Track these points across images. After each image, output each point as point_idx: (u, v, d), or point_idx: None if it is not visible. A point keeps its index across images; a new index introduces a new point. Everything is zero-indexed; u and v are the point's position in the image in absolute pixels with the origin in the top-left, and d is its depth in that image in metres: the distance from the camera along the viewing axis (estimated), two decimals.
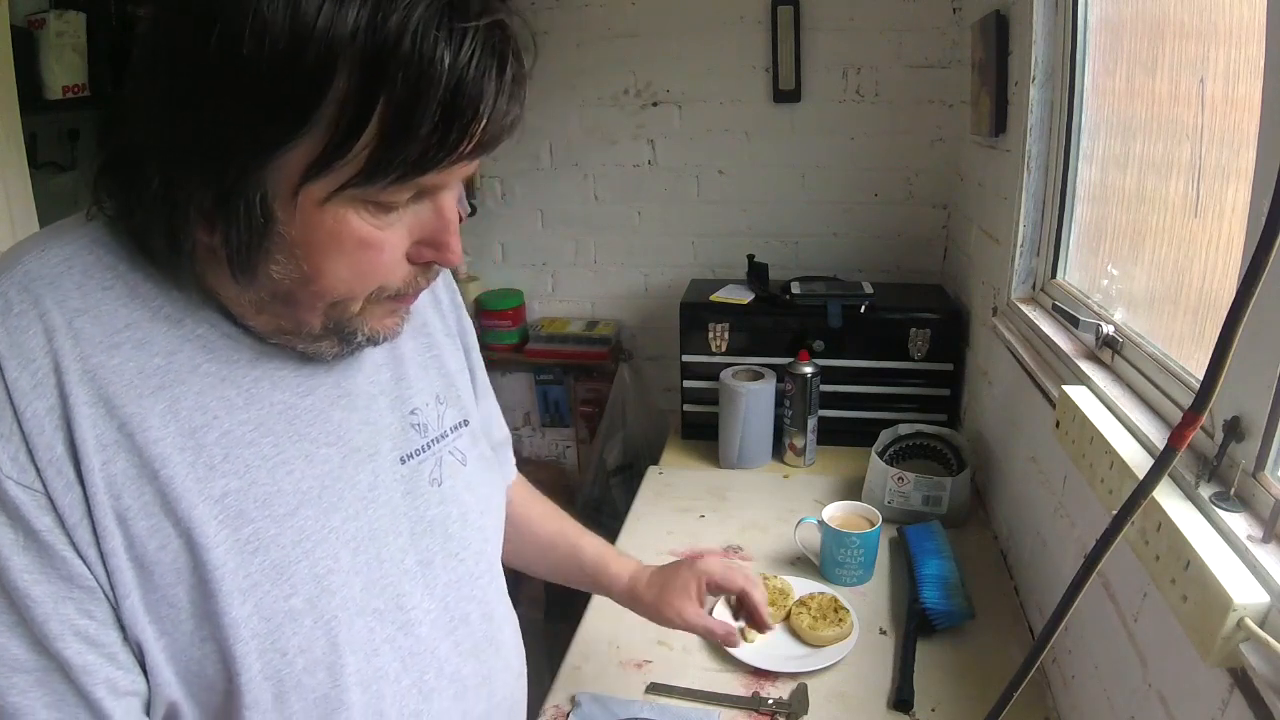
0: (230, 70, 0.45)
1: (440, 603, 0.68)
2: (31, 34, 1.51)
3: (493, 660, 0.74)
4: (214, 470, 0.55)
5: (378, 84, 0.46)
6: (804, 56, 2.01)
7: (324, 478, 0.60)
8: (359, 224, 0.52)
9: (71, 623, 0.50)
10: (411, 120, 0.47)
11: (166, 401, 0.54)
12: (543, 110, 2.18)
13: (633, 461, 2.25)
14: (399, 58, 0.46)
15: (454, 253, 0.57)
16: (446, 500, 0.69)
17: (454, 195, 0.57)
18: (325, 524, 0.60)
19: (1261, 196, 0.70)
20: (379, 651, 0.62)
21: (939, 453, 1.61)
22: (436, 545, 0.68)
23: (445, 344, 0.75)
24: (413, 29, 0.46)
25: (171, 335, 0.55)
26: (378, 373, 0.67)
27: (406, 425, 0.68)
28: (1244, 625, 0.61)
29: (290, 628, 0.57)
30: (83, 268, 0.54)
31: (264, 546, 0.56)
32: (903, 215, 2.11)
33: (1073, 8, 1.27)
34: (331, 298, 0.55)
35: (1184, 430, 0.57)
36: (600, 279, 2.34)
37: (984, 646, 1.18)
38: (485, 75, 0.49)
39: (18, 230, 1.36)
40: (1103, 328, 1.09)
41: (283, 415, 0.59)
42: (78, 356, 0.51)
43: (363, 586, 0.61)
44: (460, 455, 0.72)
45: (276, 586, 0.56)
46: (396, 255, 0.55)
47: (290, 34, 0.45)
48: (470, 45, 0.48)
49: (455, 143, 0.49)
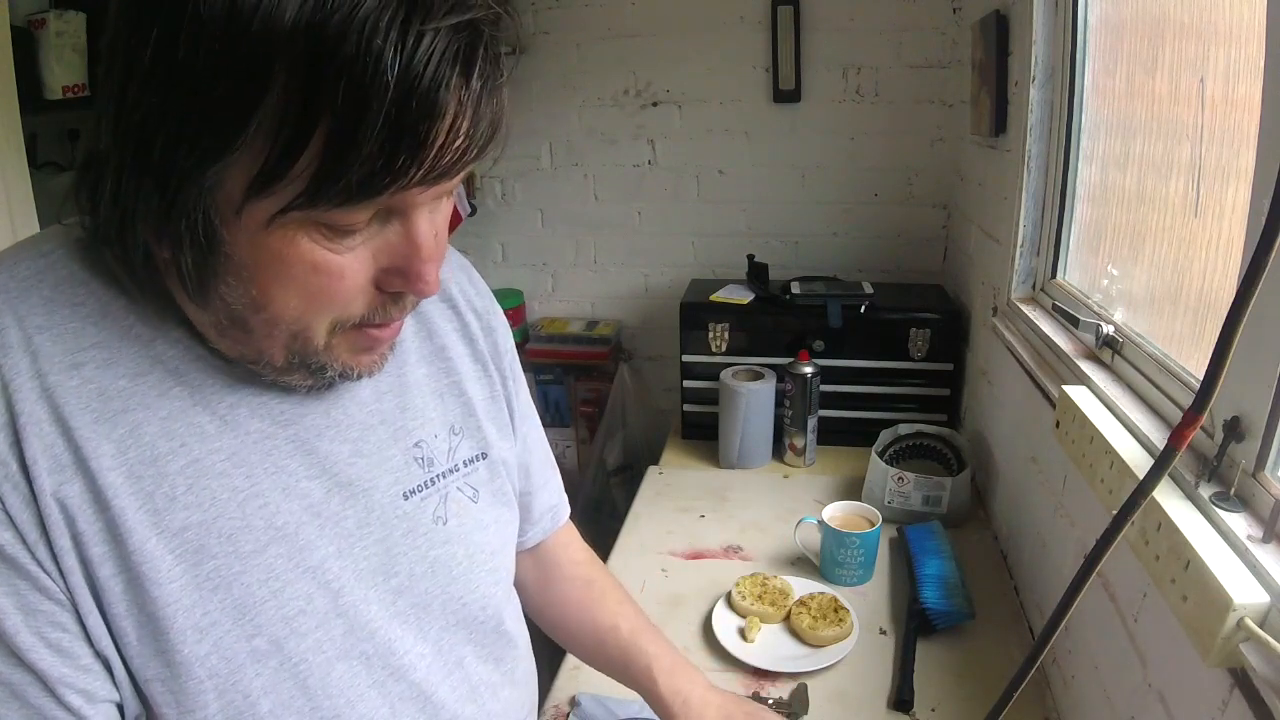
0: (165, 74, 0.42)
1: (435, 646, 0.64)
2: (31, 34, 1.51)
3: (492, 704, 0.70)
4: (175, 502, 0.52)
5: (318, 93, 0.41)
6: (804, 56, 2.01)
7: (302, 513, 0.56)
8: (310, 248, 0.47)
9: (43, 634, 0.49)
10: (354, 137, 0.41)
11: (127, 426, 0.51)
12: (543, 110, 2.18)
13: (633, 461, 2.25)
14: (340, 62, 0.40)
15: (426, 283, 0.50)
16: (452, 540, 0.65)
17: (431, 216, 0.50)
18: (300, 562, 0.56)
19: (1261, 196, 0.70)
20: (364, 697, 0.59)
21: (939, 453, 1.61)
22: (437, 588, 0.64)
23: (470, 371, 0.70)
24: (357, 29, 0.40)
25: (141, 356, 0.52)
26: (379, 401, 0.62)
27: (409, 459, 0.63)
28: (1244, 625, 0.61)
29: (253, 669, 0.54)
30: (54, 282, 0.51)
31: (225, 584, 0.53)
32: (903, 215, 2.11)
33: (1073, 8, 1.27)
34: (285, 326, 0.50)
35: (1184, 430, 0.57)
36: (600, 279, 2.34)
37: (984, 646, 1.18)
38: (443, 87, 0.42)
39: (18, 230, 1.36)
40: (1103, 328, 1.09)
41: (259, 445, 0.55)
42: (35, 374, 0.49)
43: (346, 630, 0.58)
44: (472, 491, 0.67)
45: (238, 626, 0.53)
46: (358, 282, 0.50)
47: (225, 34, 0.40)
48: (427, 49, 0.41)
49: (405, 167, 0.43)
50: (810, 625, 1.18)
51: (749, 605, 1.23)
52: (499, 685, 0.72)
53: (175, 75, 0.42)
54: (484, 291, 0.76)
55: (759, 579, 1.29)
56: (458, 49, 0.43)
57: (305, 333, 0.51)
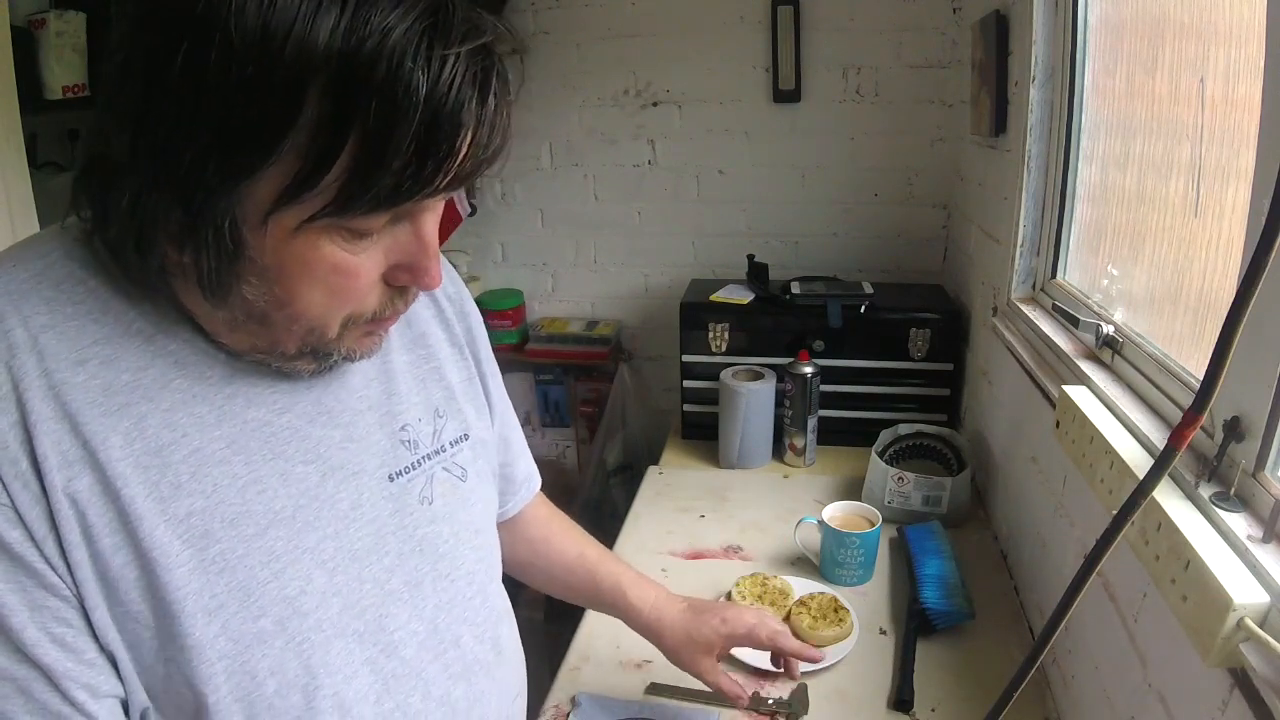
0: (196, 94, 0.43)
1: (429, 624, 0.66)
2: (31, 34, 1.51)
3: (485, 683, 0.72)
4: (180, 489, 0.53)
5: (349, 113, 0.44)
6: (804, 56, 2.01)
7: (299, 497, 0.59)
8: (332, 250, 0.50)
9: (48, 630, 0.50)
10: (384, 153, 0.45)
11: (132, 419, 0.53)
12: (543, 110, 2.18)
13: (633, 461, 2.25)
14: (372, 86, 0.44)
15: (432, 277, 0.55)
16: (438, 519, 0.68)
17: (436, 217, 0.56)
18: (298, 544, 0.58)
19: (1261, 196, 0.70)
20: (357, 674, 0.61)
21: (939, 453, 1.61)
22: (426, 565, 0.66)
23: (448, 355, 0.74)
24: (388, 55, 0.44)
25: (142, 351, 0.54)
26: (366, 388, 0.65)
27: (396, 442, 0.66)
28: (1244, 625, 0.61)
29: (259, 650, 0.56)
30: (54, 282, 0.53)
31: (230, 567, 0.55)
32: (903, 215, 2.11)
33: (1073, 8, 1.27)
34: (306, 321, 0.54)
35: (1184, 430, 0.57)
36: (600, 279, 2.34)
37: (984, 646, 1.18)
38: (465, 107, 0.47)
39: (18, 230, 1.36)
40: (1103, 328, 1.09)
41: (257, 433, 0.58)
42: (41, 373, 0.50)
43: (341, 608, 0.60)
44: (460, 471, 0.70)
45: (244, 608, 0.55)
46: (371, 279, 0.54)
47: (259, 58, 0.43)
48: (450, 73, 0.46)
49: (430, 176, 0.48)
50: (810, 625, 1.18)
51: (749, 605, 1.23)
52: (493, 665, 0.74)
53: (205, 93, 0.43)
54: (454, 278, 0.79)
55: (759, 579, 1.29)
56: (475, 72, 0.47)
57: (322, 328, 0.55)
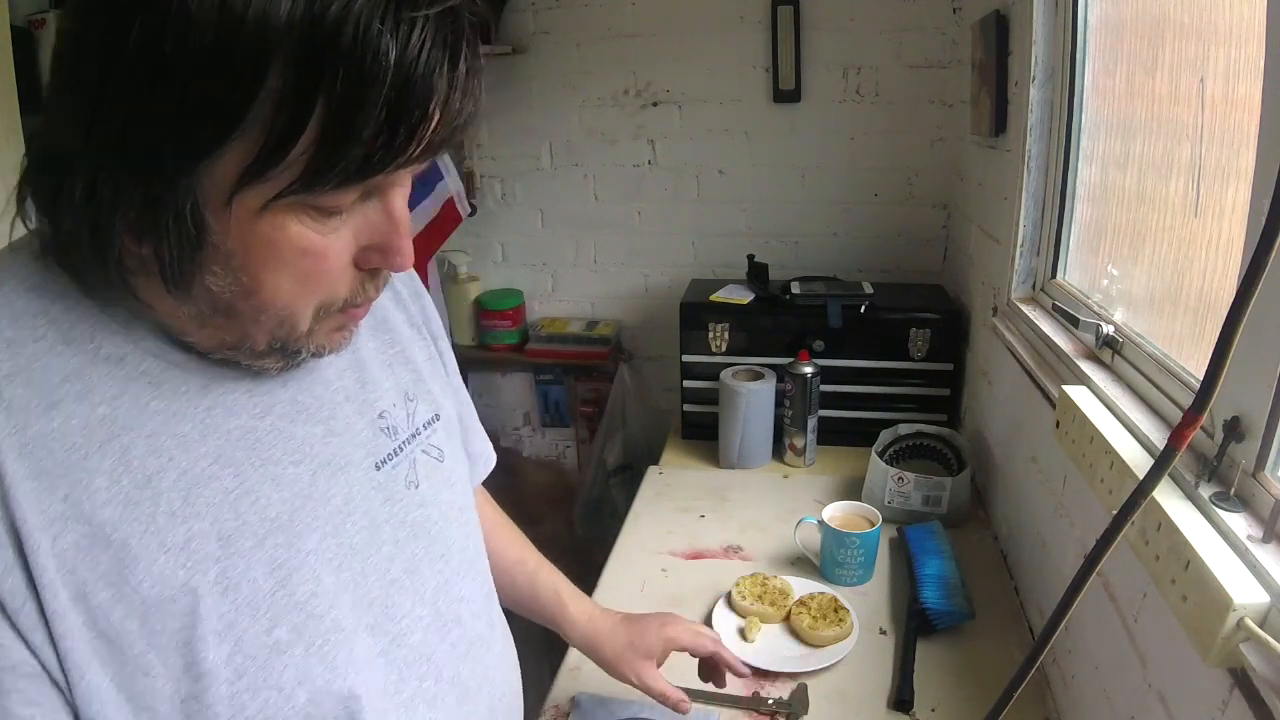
0: (152, 69, 0.41)
1: (431, 608, 0.66)
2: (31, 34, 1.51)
3: (486, 657, 0.73)
4: (174, 517, 0.51)
5: (315, 82, 0.42)
6: (804, 56, 2.01)
7: (294, 499, 0.57)
8: (300, 231, 0.48)
9: (15, 714, 0.46)
10: (354, 122, 0.43)
11: (115, 454, 0.50)
12: (543, 110, 2.18)
13: (633, 461, 2.25)
14: (338, 52, 0.42)
15: (405, 256, 0.53)
16: (426, 502, 0.67)
17: (405, 193, 0.53)
18: (300, 548, 0.57)
19: (1261, 196, 0.70)
20: (373, 666, 0.60)
21: (939, 453, 1.61)
22: (421, 550, 0.66)
23: (410, 337, 0.73)
24: (354, 20, 0.42)
25: (114, 378, 0.51)
26: (341, 379, 0.64)
27: (376, 430, 0.65)
28: (1244, 625, 0.61)
29: (279, 661, 0.54)
30: (11, 319, 0.49)
31: (234, 585, 0.53)
32: (903, 215, 2.11)
33: (1073, 8, 1.27)
34: (275, 311, 0.51)
35: (1184, 430, 0.57)
36: (600, 279, 2.34)
37: (984, 646, 1.18)
38: (436, 71, 0.45)
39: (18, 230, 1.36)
40: (1103, 328, 1.09)
41: (242, 441, 0.55)
42: (13, 429, 0.47)
43: (351, 605, 0.59)
44: (437, 451, 0.70)
45: (255, 622, 0.53)
46: (342, 262, 0.52)
47: (217, 27, 0.40)
48: (419, 37, 0.43)
49: (403, 145, 0.45)
50: (810, 625, 1.18)
51: (749, 605, 1.24)
52: (491, 640, 0.74)
53: (161, 71, 0.41)
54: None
55: (759, 579, 1.29)
56: (445, 34, 0.45)
57: (292, 319, 0.52)
